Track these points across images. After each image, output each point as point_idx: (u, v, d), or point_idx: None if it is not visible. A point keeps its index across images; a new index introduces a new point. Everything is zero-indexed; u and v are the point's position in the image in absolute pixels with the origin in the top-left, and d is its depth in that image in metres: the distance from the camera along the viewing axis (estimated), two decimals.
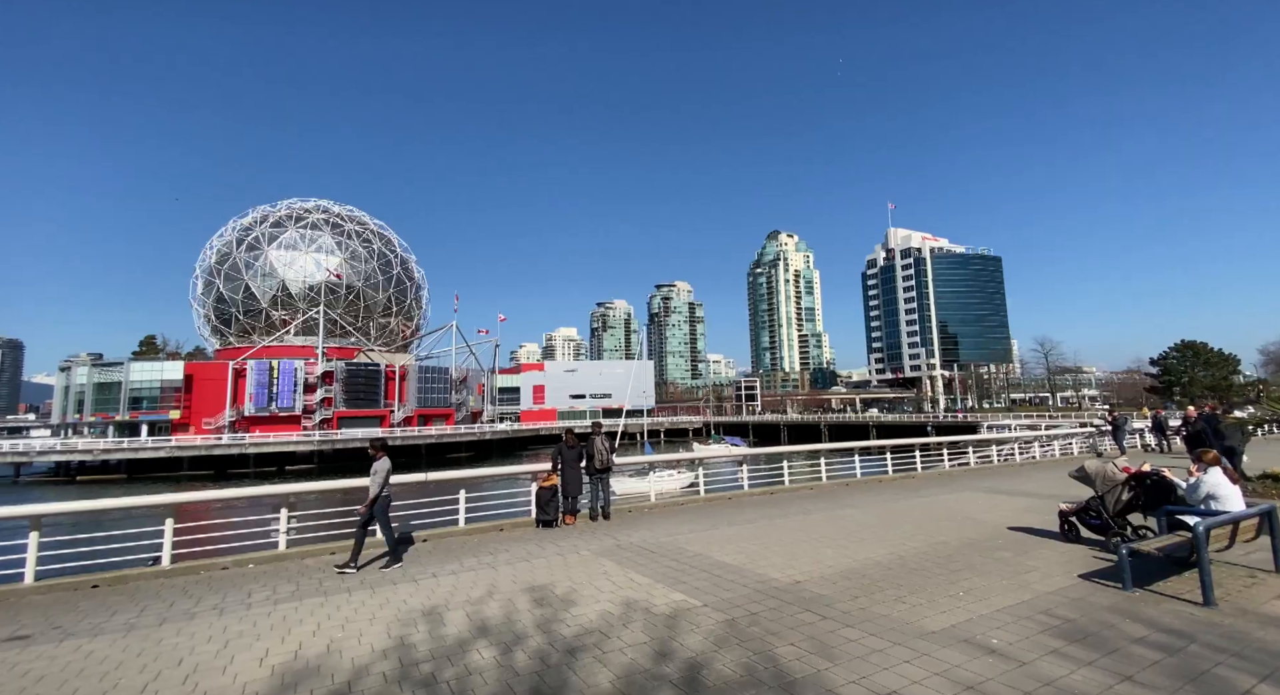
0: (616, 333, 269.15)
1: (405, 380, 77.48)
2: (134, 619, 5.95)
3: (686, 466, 28.92)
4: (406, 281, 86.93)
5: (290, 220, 78.36)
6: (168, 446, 54.92)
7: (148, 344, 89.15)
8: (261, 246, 75.24)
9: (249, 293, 74.37)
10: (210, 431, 62.57)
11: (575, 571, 7.27)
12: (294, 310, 74.95)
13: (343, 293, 77.82)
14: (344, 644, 5.07)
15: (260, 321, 74.89)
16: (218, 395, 65.51)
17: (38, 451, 55.45)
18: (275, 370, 67.63)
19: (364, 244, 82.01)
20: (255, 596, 6.60)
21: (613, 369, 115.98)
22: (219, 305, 75.30)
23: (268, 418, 66.24)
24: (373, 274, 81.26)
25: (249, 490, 10.03)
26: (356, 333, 79.29)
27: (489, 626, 5.40)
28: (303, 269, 75.86)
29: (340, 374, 71.27)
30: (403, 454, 63.72)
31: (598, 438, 10.94)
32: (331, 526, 10.12)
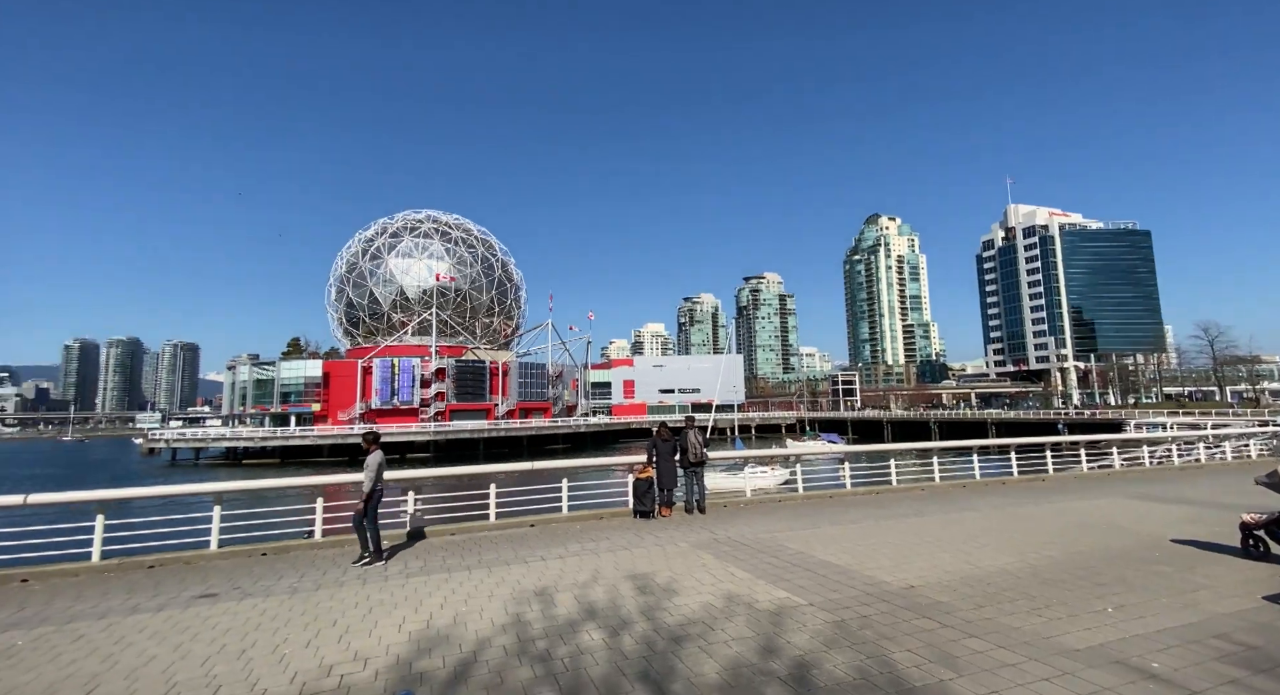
0: (704, 327, 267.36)
1: (507, 376, 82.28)
2: (296, 583, 6.88)
3: (781, 463, 28.16)
4: (507, 283, 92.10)
5: (406, 231, 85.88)
6: (311, 435, 62.59)
7: (293, 345, 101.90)
8: (382, 256, 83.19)
9: (373, 298, 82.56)
10: (344, 422, 70.40)
11: (674, 562, 7.36)
12: (411, 313, 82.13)
13: (451, 295, 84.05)
14: (468, 617, 5.51)
15: (383, 323, 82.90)
16: (350, 390, 73.49)
17: (213, 438, 65.60)
18: (396, 367, 74.60)
19: (469, 250, 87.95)
20: (391, 569, 7.37)
21: (700, 364, 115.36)
22: (349, 310, 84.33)
23: (391, 410, 73.27)
24: (477, 277, 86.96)
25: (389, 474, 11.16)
26: (464, 332, 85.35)
27: (596, 610, 5.62)
28: (417, 275, 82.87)
29: (451, 370, 77.16)
30: (506, 445, 67.82)
31: (691, 432, 10.97)
32: (451, 509, 11.00)
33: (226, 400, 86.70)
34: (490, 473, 11.06)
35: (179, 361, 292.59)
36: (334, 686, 4.15)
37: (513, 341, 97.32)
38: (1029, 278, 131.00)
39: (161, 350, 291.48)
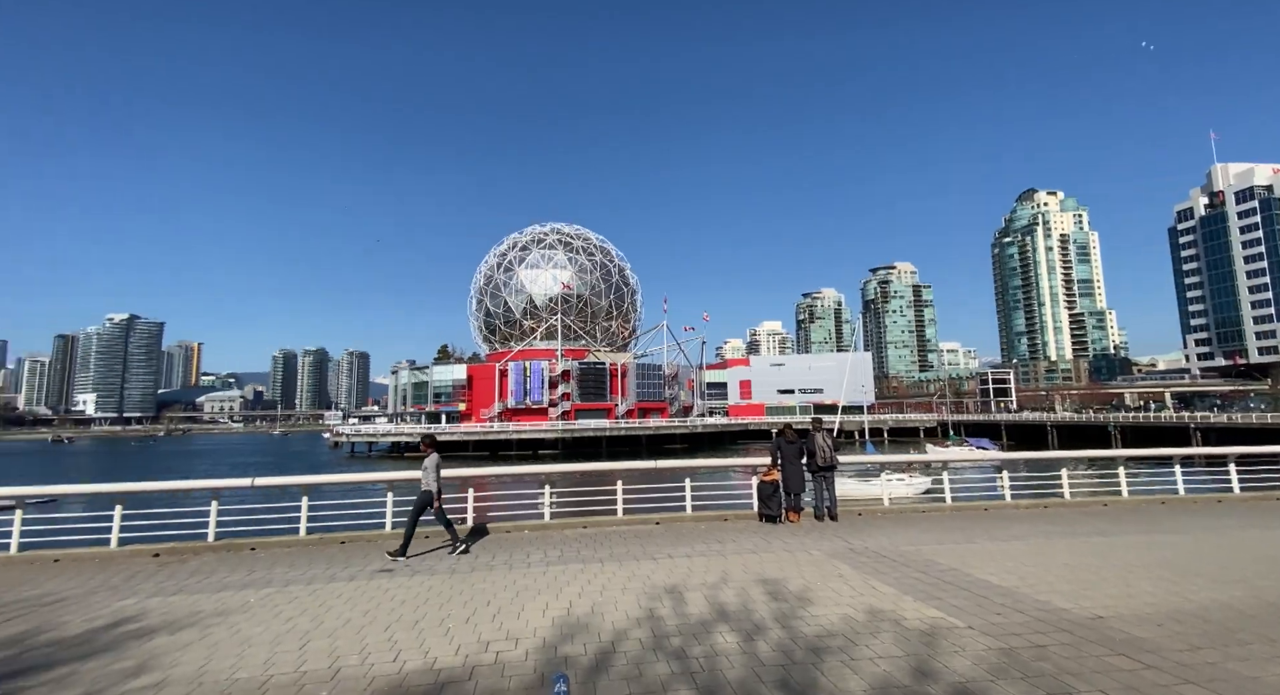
0: (825, 324, 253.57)
1: (625, 377, 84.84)
2: (454, 565, 7.67)
3: (921, 470, 25.80)
4: (624, 287, 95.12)
5: (534, 243, 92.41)
6: (459, 432, 69.62)
7: (442, 352, 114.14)
8: (514, 268, 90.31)
9: (507, 307, 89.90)
10: (485, 421, 77.36)
11: (807, 570, 7.05)
12: (539, 319, 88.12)
13: (574, 301, 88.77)
14: (604, 608, 5.75)
15: (516, 330, 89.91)
16: (489, 391, 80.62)
17: (381, 434, 75.67)
18: (527, 370, 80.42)
19: (589, 257, 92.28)
20: (533, 557, 7.93)
21: (822, 362, 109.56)
22: (487, 318, 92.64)
23: (524, 409, 79.12)
24: (597, 283, 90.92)
25: (521, 469, 12.11)
26: (585, 335, 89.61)
27: (728, 612, 5.57)
28: (544, 284, 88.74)
29: (575, 372, 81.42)
30: (626, 444, 69.88)
31: (819, 434, 10.46)
32: (581, 503, 11.59)
33: (391, 400, 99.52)
34: (615, 470, 11.45)
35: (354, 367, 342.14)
36: (491, 661, 4.55)
37: (630, 343, 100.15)
38: (1246, 251, 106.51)
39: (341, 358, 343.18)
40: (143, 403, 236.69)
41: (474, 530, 9.76)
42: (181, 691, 4.10)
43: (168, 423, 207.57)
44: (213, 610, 5.95)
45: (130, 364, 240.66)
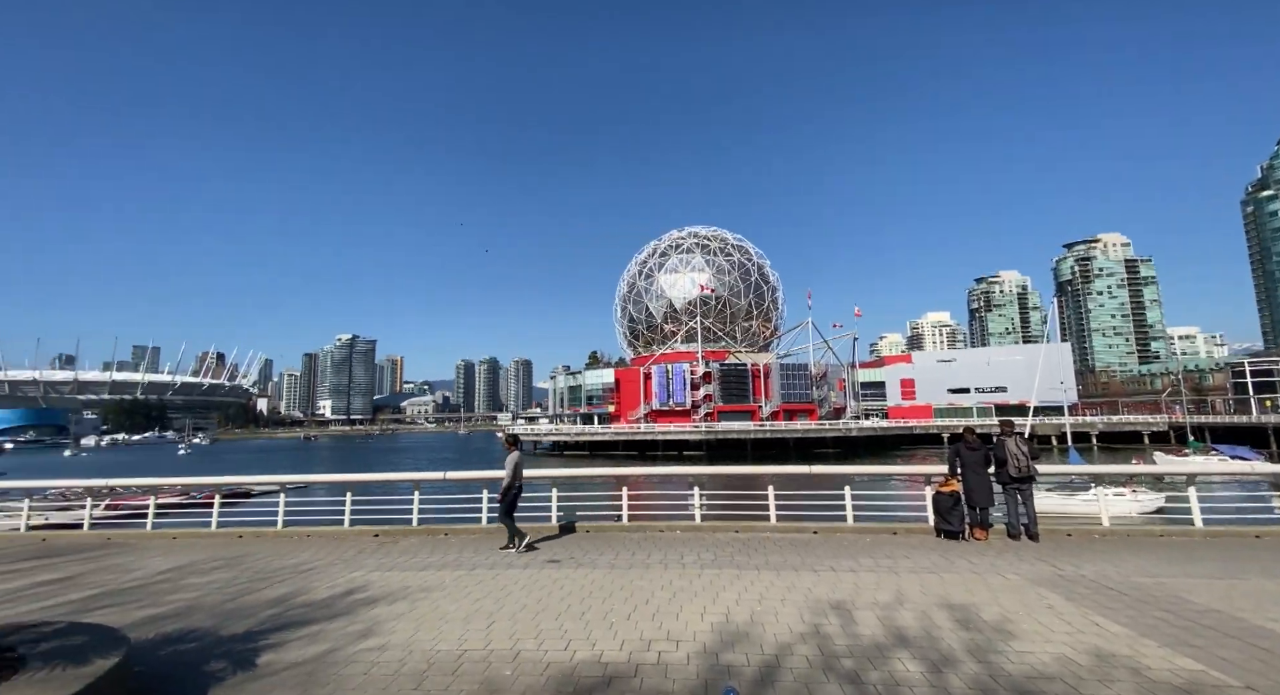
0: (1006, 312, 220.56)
1: (769, 377, 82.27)
2: (614, 560, 7.99)
3: (1149, 484, 21.12)
4: (764, 285, 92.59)
5: (672, 249, 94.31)
6: (609, 433, 73.38)
7: (592, 357, 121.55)
8: (654, 275, 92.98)
9: (648, 312, 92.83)
10: (632, 422, 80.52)
11: (1004, 598, 6.07)
12: (679, 323, 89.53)
13: (713, 304, 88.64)
14: (764, 618, 5.52)
15: (657, 334, 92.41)
16: (635, 394, 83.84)
17: (544, 434, 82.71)
18: (669, 373, 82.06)
19: (726, 258, 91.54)
20: (687, 559, 7.95)
21: (1006, 356, 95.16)
22: (630, 324, 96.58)
23: (668, 411, 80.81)
24: (735, 283, 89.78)
25: (669, 469, 12.29)
26: (725, 337, 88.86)
27: (907, 637, 5.00)
28: (683, 288, 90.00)
29: (716, 374, 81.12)
30: (773, 446, 67.65)
31: (1010, 439, 9.03)
32: (730, 507, 11.38)
33: (551, 402, 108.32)
34: (764, 474, 11.06)
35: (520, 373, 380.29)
36: (654, 661, 4.60)
37: (772, 343, 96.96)
38: None
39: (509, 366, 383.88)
40: (363, 407, 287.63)
41: (629, 528, 10.09)
42: (399, 656, 4.77)
43: (381, 423, 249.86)
44: (418, 586, 6.88)
45: (354, 375, 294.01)
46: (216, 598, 6.65)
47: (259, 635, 5.32)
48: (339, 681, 4.29)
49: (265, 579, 7.46)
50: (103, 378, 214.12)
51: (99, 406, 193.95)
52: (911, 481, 13.95)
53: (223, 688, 4.24)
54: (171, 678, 4.44)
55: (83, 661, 3.69)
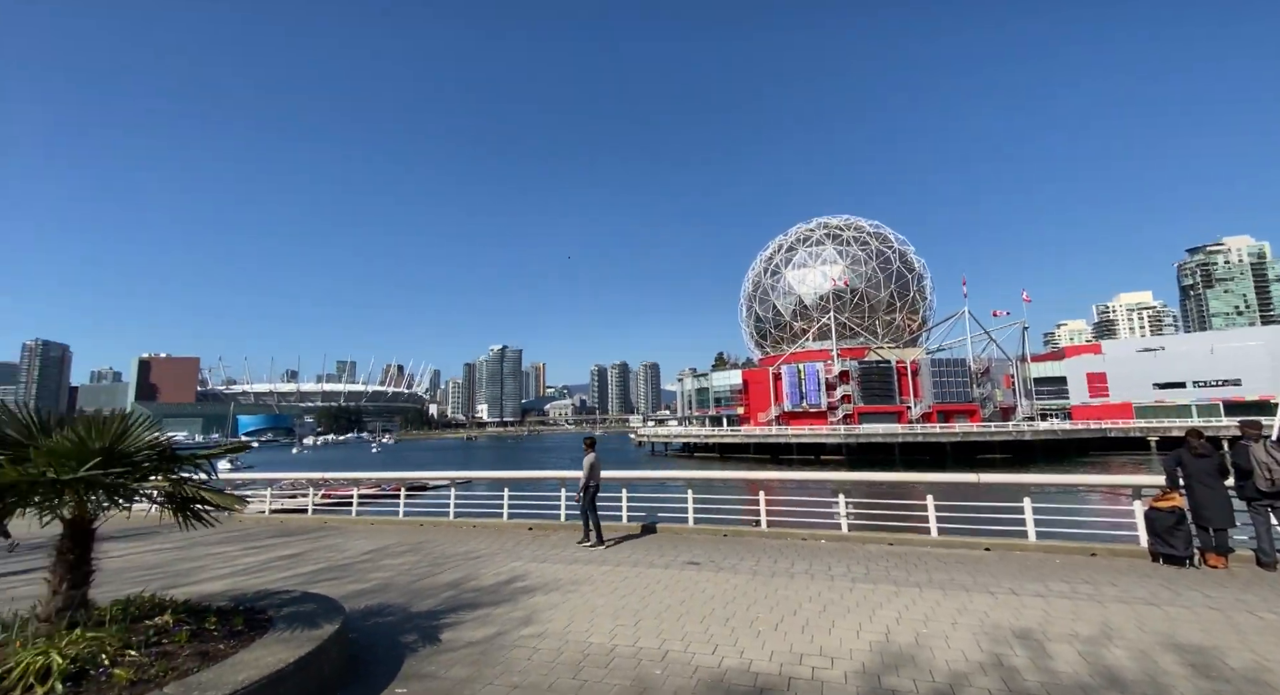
0: (1234, 286, 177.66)
1: (917, 375, 74.88)
2: (755, 566, 7.78)
3: None
4: (907, 274, 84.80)
5: (800, 242, 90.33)
6: (739, 435, 72.15)
7: (719, 359, 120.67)
8: (781, 271, 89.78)
9: (776, 310, 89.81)
10: (763, 424, 78.33)
11: (1259, 642, 4.83)
12: (810, 319, 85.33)
13: (848, 297, 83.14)
14: (931, 642, 4.99)
15: (786, 333, 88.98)
16: (764, 395, 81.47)
17: (674, 435, 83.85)
18: (802, 373, 78.46)
19: (861, 247, 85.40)
20: (835, 570, 7.48)
21: (1238, 341, 76.46)
22: (757, 323, 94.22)
23: (801, 413, 77.29)
24: (873, 274, 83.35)
25: (808, 474, 11.71)
26: (864, 332, 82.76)
27: (1122, 680, 4.18)
28: (813, 283, 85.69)
29: (855, 372, 75.81)
30: (925, 451, 61.36)
31: (1257, 445, 7.21)
32: (879, 516, 10.50)
33: (679, 404, 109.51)
34: (919, 482, 10.03)
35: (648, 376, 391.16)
36: (807, 676, 4.37)
37: (920, 337, 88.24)
38: None
39: (638, 370, 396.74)
40: (513, 410, 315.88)
41: (768, 534, 9.78)
42: (556, 644, 5.09)
43: (528, 425, 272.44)
44: (569, 579, 7.31)
45: (505, 382, 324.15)
46: (406, 578, 7.66)
47: (440, 614, 6.01)
48: (506, 664, 4.68)
49: (442, 564, 8.44)
50: (316, 389, 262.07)
51: (314, 412, 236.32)
52: (1112, 494, 11.80)
53: (415, 658, 4.85)
54: (375, 646, 5.18)
55: (314, 626, 4.45)
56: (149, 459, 4.21)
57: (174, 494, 4.38)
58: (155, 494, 4.42)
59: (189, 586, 6.80)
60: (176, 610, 4.37)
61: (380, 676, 4.51)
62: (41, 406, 4.75)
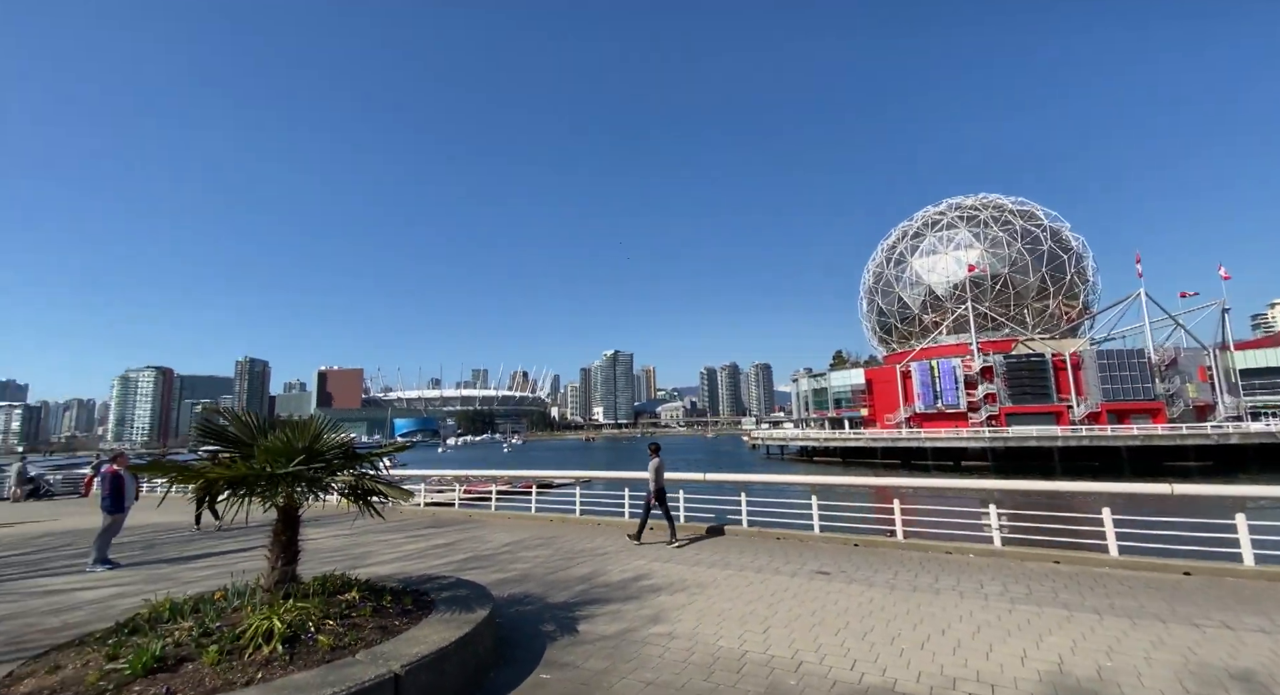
0: None
1: (1079, 369, 64.96)
2: (892, 579, 7.25)
3: None
4: (1061, 255, 74.08)
5: (927, 227, 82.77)
6: (863, 438, 67.61)
7: (838, 357, 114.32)
8: (906, 260, 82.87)
9: (901, 303, 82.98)
10: (891, 426, 72.66)
11: None
12: (943, 311, 77.73)
13: (988, 284, 74.55)
14: (1119, 677, 4.30)
15: (915, 327, 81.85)
16: (891, 395, 75.58)
17: (790, 438, 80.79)
18: (935, 370, 71.65)
19: (1003, 227, 76.22)
20: (988, 588, 6.74)
21: None
22: (880, 318, 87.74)
23: (936, 414, 70.55)
24: (1018, 256, 73.98)
25: (948, 482, 10.66)
26: (1010, 323, 73.66)
27: None
28: (944, 271, 77.99)
29: (999, 368, 67.67)
30: (1095, 457, 53.01)
31: None
32: (1038, 530, 9.27)
33: (795, 406, 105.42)
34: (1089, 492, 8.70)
35: (760, 377, 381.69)
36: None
37: (1081, 326, 76.56)
38: None
39: (749, 371, 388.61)
40: (626, 412, 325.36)
41: (905, 545, 9.07)
42: (686, 645, 5.14)
43: (641, 427, 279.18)
44: (693, 581, 7.35)
45: (617, 385, 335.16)
46: (541, 570, 8.20)
47: (575, 606, 6.35)
48: (639, 660, 4.82)
49: (572, 559, 8.91)
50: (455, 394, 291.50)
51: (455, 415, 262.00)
52: None
53: (555, 647, 5.17)
54: (519, 632, 5.60)
55: (469, 609, 4.93)
56: (337, 457, 4.95)
57: (356, 486, 5.11)
58: (341, 486, 5.18)
59: (365, 568, 7.86)
60: (360, 588, 5.07)
61: (525, 661, 4.87)
62: (252, 412, 5.78)
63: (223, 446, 5.12)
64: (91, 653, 3.94)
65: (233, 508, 4.65)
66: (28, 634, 5.00)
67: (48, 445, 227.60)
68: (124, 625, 4.31)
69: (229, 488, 4.54)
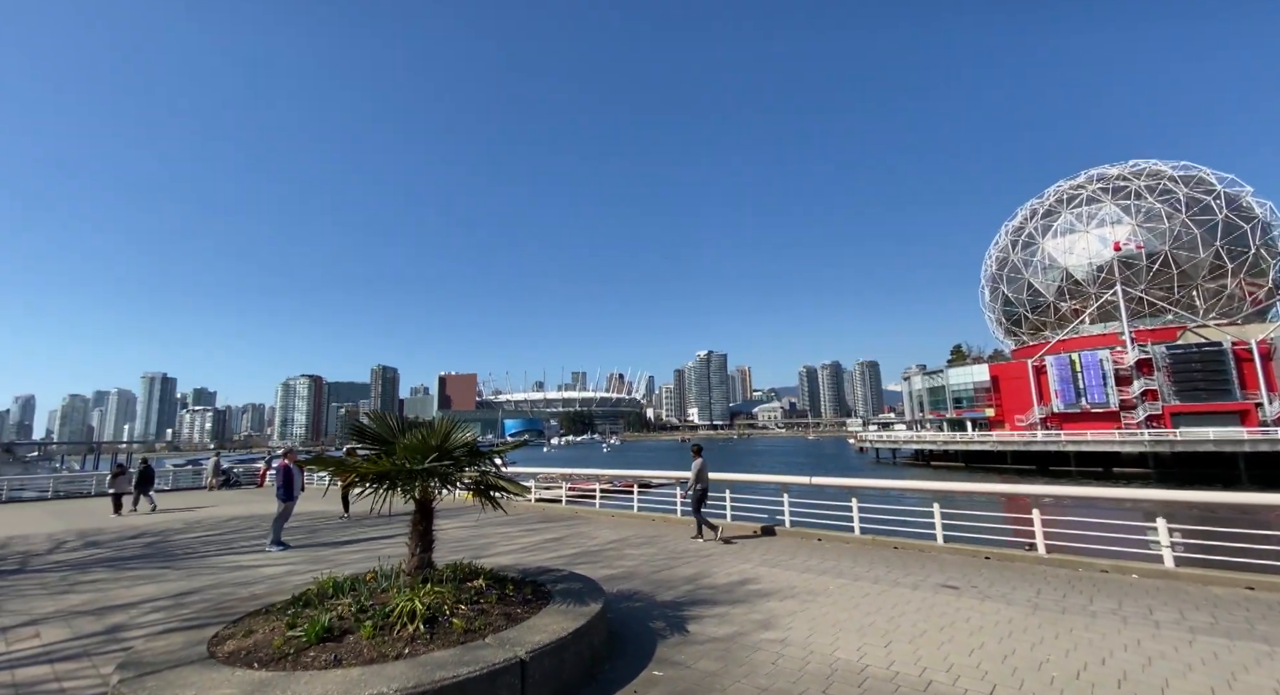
0: None
1: (1270, 360, 54.19)
2: (1034, 597, 6.51)
3: None
4: (1242, 225, 62.34)
5: (1062, 204, 73.47)
6: (990, 441, 61.26)
7: (956, 352, 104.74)
8: (1037, 241, 74.08)
9: (1032, 290, 74.28)
10: (1023, 428, 65.18)
11: None
12: (1084, 298, 68.52)
13: (1142, 264, 64.55)
14: None
15: (1050, 316, 72.87)
16: (1023, 393, 67.81)
17: (903, 441, 75.20)
18: (1077, 364, 63.28)
19: (1161, 197, 65.68)
20: (1159, 615, 5.83)
21: None
22: (1006, 308, 79.11)
23: (1078, 414, 62.27)
24: (1182, 230, 63.33)
25: (1101, 491, 9.32)
26: (1173, 308, 63.24)
27: None
28: (1085, 251, 68.70)
29: (1161, 360, 58.27)
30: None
31: None
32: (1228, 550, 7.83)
33: (906, 407, 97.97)
34: None
35: (866, 376, 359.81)
36: None
37: (1271, 307, 63.81)
38: None
39: (854, 369, 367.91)
40: (721, 413, 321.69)
41: (1048, 561, 8.09)
42: (800, 653, 4.98)
43: (737, 428, 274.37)
44: (804, 588, 7.09)
45: (711, 386, 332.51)
46: (646, 568, 8.34)
47: (682, 606, 6.39)
48: (751, 665, 4.74)
49: (677, 558, 8.97)
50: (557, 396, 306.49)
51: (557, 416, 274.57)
52: None
53: (665, 646, 5.23)
54: (628, 628, 5.74)
55: (583, 602, 5.14)
56: (463, 454, 5.38)
57: (480, 482, 5.52)
58: (468, 481, 5.62)
59: (488, 558, 8.46)
60: (485, 577, 5.47)
61: (637, 656, 4.98)
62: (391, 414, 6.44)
63: (365, 444, 5.77)
64: (275, 621, 4.61)
65: (377, 499, 5.22)
66: (225, 602, 5.96)
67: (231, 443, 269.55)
68: (298, 598, 5.00)
69: (375, 481, 5.10)
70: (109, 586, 8.03)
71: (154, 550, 10.86)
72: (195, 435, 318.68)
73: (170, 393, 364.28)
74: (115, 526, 14.18)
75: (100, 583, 8.27)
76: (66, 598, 7.49)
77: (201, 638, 4.47)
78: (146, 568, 9.26)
